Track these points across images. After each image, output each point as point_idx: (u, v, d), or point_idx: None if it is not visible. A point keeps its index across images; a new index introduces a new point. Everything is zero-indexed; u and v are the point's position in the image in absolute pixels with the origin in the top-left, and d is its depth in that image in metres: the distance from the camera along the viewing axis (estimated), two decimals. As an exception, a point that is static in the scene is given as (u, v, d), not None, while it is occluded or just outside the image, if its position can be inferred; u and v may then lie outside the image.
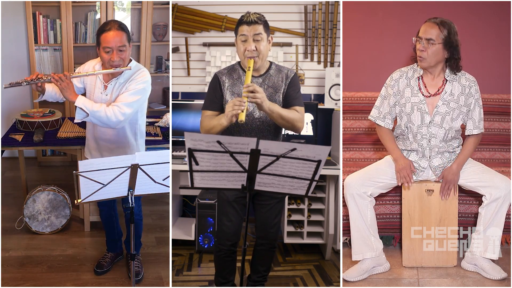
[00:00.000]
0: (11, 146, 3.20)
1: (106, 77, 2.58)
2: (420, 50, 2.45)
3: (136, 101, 2.50)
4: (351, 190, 2.53)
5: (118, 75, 2.54)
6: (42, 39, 4.32)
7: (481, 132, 2.57)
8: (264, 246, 2.54)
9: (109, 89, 2.56)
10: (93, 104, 2.46)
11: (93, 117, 2.46)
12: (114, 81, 2.55)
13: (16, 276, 2.84)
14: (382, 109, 2.62)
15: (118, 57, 2.46)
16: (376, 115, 2.64)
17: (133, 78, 2.53)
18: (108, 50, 2.44)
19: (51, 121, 3.47)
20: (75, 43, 4.35)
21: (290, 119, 2.25)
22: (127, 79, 2.54)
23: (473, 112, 2.55)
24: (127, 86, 2.52)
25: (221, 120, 2.19)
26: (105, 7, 4.22)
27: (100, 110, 2.43)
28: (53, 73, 2.47)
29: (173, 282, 2.94)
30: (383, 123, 2.61)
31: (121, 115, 2.45)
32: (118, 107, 2.45)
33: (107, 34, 2.43)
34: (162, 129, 3.54)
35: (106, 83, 2.57)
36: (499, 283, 2.47)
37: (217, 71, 2.40)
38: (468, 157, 2.58)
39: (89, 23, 4.36)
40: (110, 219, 2.92)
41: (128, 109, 2.47)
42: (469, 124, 2.55)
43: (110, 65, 2.48)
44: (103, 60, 2.50)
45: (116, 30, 2.44)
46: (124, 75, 2.54)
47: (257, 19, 2.23)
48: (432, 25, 2.45)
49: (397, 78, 2.59)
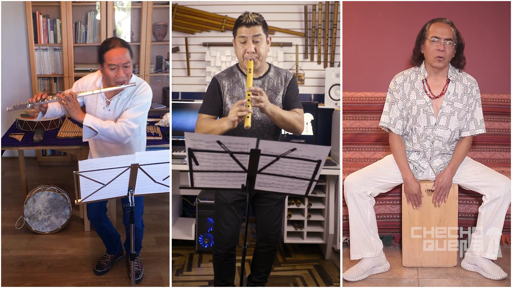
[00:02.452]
0: (11, 146, 3.21)
1: (109, 94, 2.59)
2: (441, 50, 2.45)
3: (142, 116, 2.58)
4: (351, 189, 2.53)
5: (121, 91, 2.56)
6: (42, 39, 4.32)
7: (477, 134, 2.56)
8: (265, 249, 2.53)
9: (112, 105, 2.57)
10: (101, 122, 2.49)
11: (102, 135, 2.50)
12: (116, 98, 2.57)
13: (16, 276, 2.84)
14: (392, 115, 2.59)
15: (123, 73, 2.47)
16: (388, 122, 2.60)
17: (136, 94, 2.56)
18: (113, 67, 2.46)
19: (51, 121, 3.47)
20: (75, 43, 4.35)
21: (291, 121, 2.25)
22: (130, 94, 2.56)
23: (474, 113, 2.55)
24: (131, 102, 2.55)
25: (222, 123, 2.17)
26: (105, 7, 4.22)
27: (110, 128, 2.48)
28: (59, 93, 2.47)
29: (173, 282, 2.94)
30: (394, 129, 2.58)
31: (130, 131, 2.52)
32: (126, 123, 2.50)
33: (112, 52, 2.44)
34: (162, 129, 3.54)
35: (108, 99, 2.58)
36: (499, 283, 2.47)
37: (215, 75, 2.38)
38: (462, 161, 2.56)
39: (89, 23, 4.36)
40: (103, 230, 2.91)
41: (136, 125, 2.54)
42: (471, 124, 2.55)
43: (115, 82, 2.49)
44: (107, 77, 2.50)
45: (120, 47, 2.46)
46: (126, 91, 2.56)
47: (256, 20, 2.21)
48: (446, 25, 2.47)
49: (401, 82, 2.58)
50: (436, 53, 2.46)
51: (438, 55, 2.46)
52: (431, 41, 2.47)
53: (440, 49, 2.45)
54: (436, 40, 2.46)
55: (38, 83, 4.47)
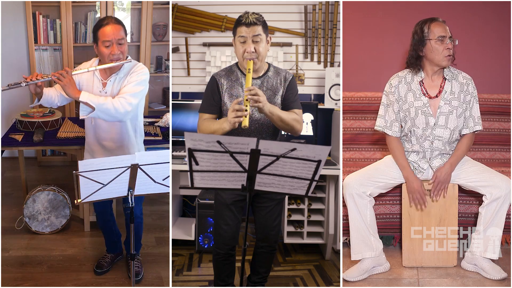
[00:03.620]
0: (11, 146, 3.20)
1: (105, 74, 2.55)
2: (450, 48, 2.45)
3: (140, 92, 2.49)
4: (350, 190, 2.53)
5: (118, 70, 2.53)
6: (42, 39, 4.32)
7: (477, 131, 2.56)
8: (265, 249, 2.53)
9: (108, 86, 2.53)
10: (98, 97, 2.42)
11: (99, 111, 2.40)
12: (113, 77, 2.53)
13: (16, 276, 2.84)
14: (388, 117, 2.60)
15: (118, 50, 2.45)
16: (382, 125, 2.61)
17: (134, 71, 2.52)
18: (107, 44, 2.44)
19: (51, 121, 3.47)
20: (75, 43, 4.35)
21: (290, 121, 2.24)
22: (126, 73, 2.53)
23: (472, 110, 2.55)
24: (128, 79, 2.50)
25: (223, 125, 2.17)
26: (105, 7, 4.22)
27: (107, 103, 2.40)
28: (53, 72, 2.44)
29: (173, 282, 2.94)
30: (391, 132, 2.59)
31: (129, 105, 2.43)
32: (124, 98, 2.43)
33: (105, 28, 2.43)
34: (162, 129, 3.54)
35: (104, 80, 2.54)
36: (499, 283, 2.47)
37: (214, 73, 2.37)
38: (462, 158, 2.56)
39: (89, 23, 4.36)
40: (107, 223, 2.91)
41: (134, 100, 2.45)
42: (470, 121, 2.55)
43: (110, 59, 2.46)
44: (102, 55, 2.48)
45: (114, 24, 2.45)
46: (123, 69, 2.53)
47: (256, 20, 2.21)
48: (444, 24, 2.49)
49: (396, 84, 2.58)
50: (446, 52, 2.46)
51: (448, 53, 2.46)
52: (437, 41, 2.46)
53: (450, 48, 2.46)
54: (443, 40, 2.46)
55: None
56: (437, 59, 2.48)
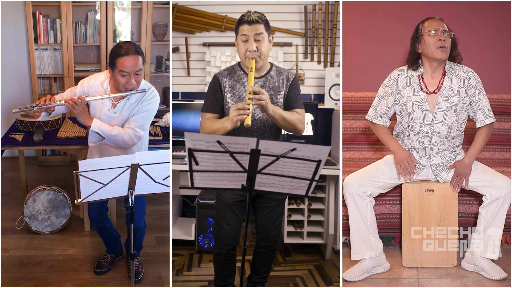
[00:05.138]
0: (11, 146, 3.21)
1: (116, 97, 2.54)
2: (442, 40, 2.45)
3: (149, 122, 2.57)
4: (350, 190, 2.53)
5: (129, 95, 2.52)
6: (42, 39, 4.32)
7: (493, 122, 2.54)
8: (265, 249, 2.53)
9: (118, 108, 2.53)
10: (109, 128, 2.46)
11: (108, 141, 2.47)
12: (124, 101, 2.53)
13: (16, 276, 2.84)
14: (379, 109, 2.63)
15: (134, 81, 2.44)
16: (372, 115, 2.66)
17: (144, 99, 2.52)
18: (124, 74, 2.41)
19: (51, 121, 3.47)
20: (75, 43, 4.35)
21: (292, 121, 2.24)
22: (138, 99, 2.53)
23: (479, 103, 2.53)
24: (138, 107, 2.51)
25: (225, 123, 2.17)
26: (105, 7, 4.22)
27: (117, 134, 2.45)
28: (67, 98, 2.43)
29: (173, 282, 2.94)
30: (380, 122, 2.63)
31: (137, 138, 2.50)
32: (134, 130, 2.48)
33: (125, 59, 2.38)
34: (162, 129, 3.54)
35: (115, 102, 2.54)
36: (499, 283, 2.47)
37: (216, 73, 2.37)
38: (480, 150, 2.55)
39: (89, 23, 4.36)
40: (104, 229, 2.90)
41: (143, 132, 2.53)
42: (479, 115, 2.53)
43: (125, 88, 2.45)
44: (117, 82, 2.45)
45: (133, 55, 2.39)
46: (135, 95, 2.52)
47: (258, 19, 2.21)
48: (440, 21, 2.50)
49: (396, 77, 2.59)
50: (437, 43, 2.46)
51: (440, 45, 2.46)
52: (429, 35, 2.48)
53: (442, 39, 2.46)
54: (434, 33, 2.47)
55: (38, 83, 4.47)
56: (430, 52, 2.49)
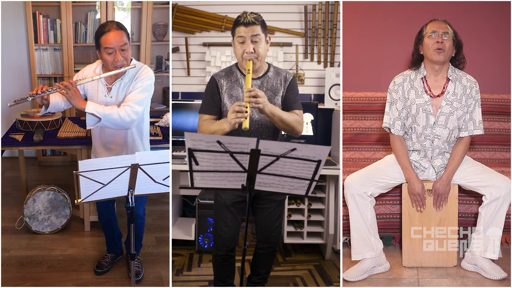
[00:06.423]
0: (11, 146, 3.20)
1: (109, 79, 2.54)
2: (439, 42, 2.46)
3: (145, 98, 2.50)
4: (351, 190, 2.53)
5: (122, 75, 2.52)
6: (42, 39, 4.33)
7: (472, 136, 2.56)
8: (265, 250, 2.53)
9: (113, 91, 2.53)
10: (104, 107, 2.44)
11: (106, 121, 2.44)
12: (118, 82, 2.52)
13: (16, 276, 2.84)
14: (391, 115, 2.61)
15: (121, 56, 2.43)
16: (388, 122, 2.61)
17: (138, 76, 2.51)
18: (110, 51, 2.42)
19: (51, 121, 3.47)
20: (75, 43, 4.35)
21: (290, 122, 2.24)
22: (131, 78, 2.52)
23: (473, 113, 2.55)
24: (133, 85, 2.50)
25: (222, 125, 2.16)
26: (105, 7, 4.22)
27: (113, 113, 2.42)
28: (58, 83, 2.44)
29: (173, 282, 2.94)
30: (393, 130, 2.59)
31: (134, 114, 2.44)
32: (130, 106, 2.44)
33: (107, 35, 2.40)
34: (162, 129, 3.54)
35: (109, 85, 2.53)
36: (499, 283, 2.47)
37: (214, 74, 2.36)
38: (458, 167, 2.55)
39: (89, 23, 4.36)
40: (109, 222, 2.91)
41: (140, 107, 2.47)
42: (470, 124, 2.55)
43: (113, 66, 2.45)
44: (105, 62, 2.46)
45: (116, 30, 2.41)
46: (128, 74, 2.52)
47: (254, 20, 2.19)
48: (442, 22, 2.50)
49: (400, 82, 2.59)
50: (435, 45, 2.47)
51: (437, 47, 2.46)
52: (428, 36, 2.49)
53: (439, 41, 2.46)
54: (433, 35, 2.47)
55: (38, 83, 4.46)
56: (429, 54, 2.50)
